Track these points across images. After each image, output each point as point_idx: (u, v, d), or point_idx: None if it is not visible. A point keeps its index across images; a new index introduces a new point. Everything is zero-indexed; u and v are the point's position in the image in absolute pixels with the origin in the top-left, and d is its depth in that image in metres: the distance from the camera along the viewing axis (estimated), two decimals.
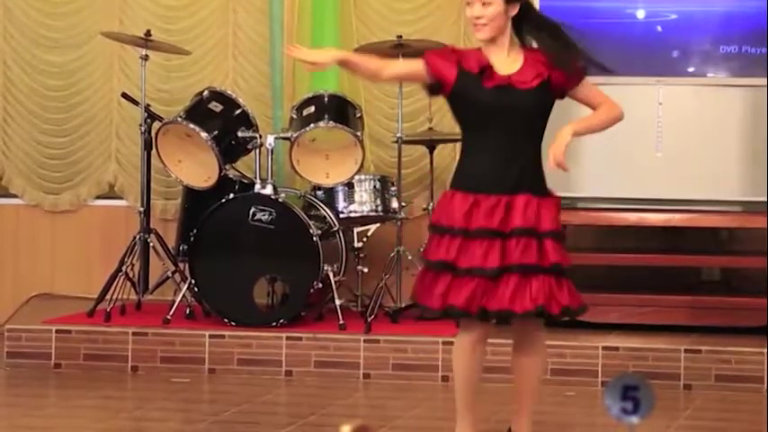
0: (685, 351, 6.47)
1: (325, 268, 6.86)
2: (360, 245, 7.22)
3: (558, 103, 4.88)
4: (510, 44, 4.67)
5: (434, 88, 4.71)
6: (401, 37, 7.07)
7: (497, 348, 5.62)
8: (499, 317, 4.79)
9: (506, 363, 5.22)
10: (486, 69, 4.58)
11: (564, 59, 4.70)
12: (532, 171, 4.72)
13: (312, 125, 6.98)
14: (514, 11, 4.67)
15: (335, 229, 7.08)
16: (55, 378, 6.82)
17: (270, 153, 7.02)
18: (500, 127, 4.70)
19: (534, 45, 4.77)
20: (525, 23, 4.76)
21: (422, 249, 5.10)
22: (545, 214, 4.72)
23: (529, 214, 4.67)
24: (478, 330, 4.79)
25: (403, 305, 7.08)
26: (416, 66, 4.76)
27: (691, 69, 7.21)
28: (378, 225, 7.24)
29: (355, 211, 7.23)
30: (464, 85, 4.63)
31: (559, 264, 4.69)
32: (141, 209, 7.36)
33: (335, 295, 6.88)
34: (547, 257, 4.66)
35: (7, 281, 8.24)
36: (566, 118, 4.98)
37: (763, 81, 6.82)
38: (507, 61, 4.63)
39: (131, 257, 7.26)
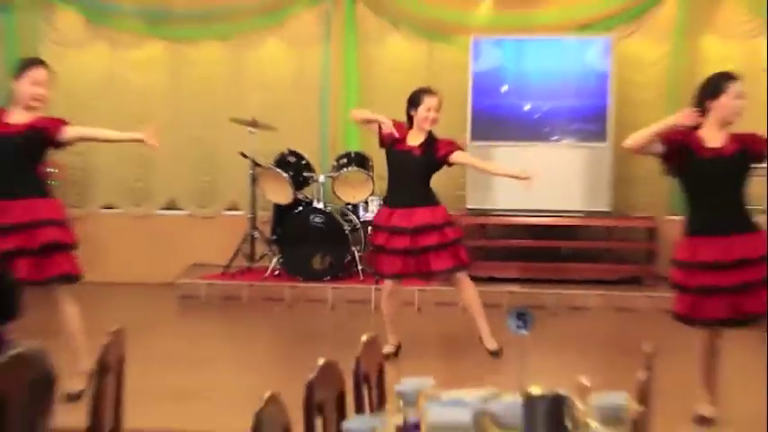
0: None
1: (353, 249, 8.96)
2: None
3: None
4: None
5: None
6: None
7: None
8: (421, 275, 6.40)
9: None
10: None
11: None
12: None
13: (345, 169, 8.98)
14: None
15: (359, 226, 9.12)
16: (202, 310, 8.50)
17: (321, 184, 9.06)
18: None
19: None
20: None
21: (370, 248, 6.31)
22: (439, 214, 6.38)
23: (429, 216, 6.36)
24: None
25: None
26: None
27: None
28: None
29: (369, 217, 8.86)
30: None
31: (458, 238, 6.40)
32: (250, 216, 9.21)
33: (358, 263, 9.01)
34: (446, 236, 6.53)
35: (179, 254, 9.87)
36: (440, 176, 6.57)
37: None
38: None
39: (246, 243, 9.23)
